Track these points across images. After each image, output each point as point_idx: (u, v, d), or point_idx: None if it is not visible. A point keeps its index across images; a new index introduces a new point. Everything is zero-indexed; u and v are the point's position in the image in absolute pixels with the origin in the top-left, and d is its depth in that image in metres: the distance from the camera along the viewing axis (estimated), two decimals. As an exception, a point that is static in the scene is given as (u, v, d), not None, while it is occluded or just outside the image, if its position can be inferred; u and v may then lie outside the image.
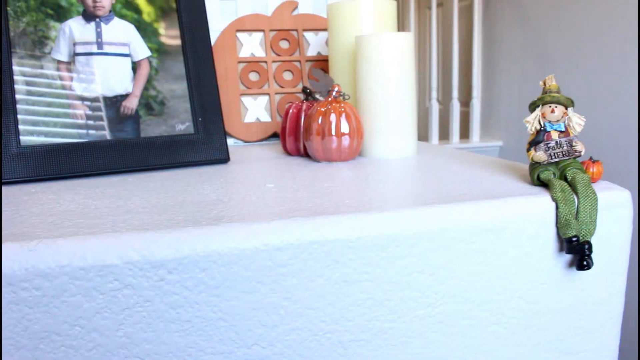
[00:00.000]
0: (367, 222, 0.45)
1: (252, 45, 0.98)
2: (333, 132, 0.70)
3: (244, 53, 0.97)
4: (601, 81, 1.79)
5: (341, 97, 0.73)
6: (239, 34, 0.98)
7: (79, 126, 0.69)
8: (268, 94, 0.97)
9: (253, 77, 0.97)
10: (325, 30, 1.01)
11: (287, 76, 0.99)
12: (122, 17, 0.73)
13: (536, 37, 2.07)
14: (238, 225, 0.42)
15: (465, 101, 2.47)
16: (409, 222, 0.46)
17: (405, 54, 0.74)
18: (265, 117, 0.96)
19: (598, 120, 1.80)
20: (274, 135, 0.98)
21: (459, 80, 2.43)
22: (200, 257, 0.41)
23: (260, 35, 0.99)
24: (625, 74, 1.69)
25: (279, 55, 0.99)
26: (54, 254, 0.39)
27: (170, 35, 0.76)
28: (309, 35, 1.01)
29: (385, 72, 0.73)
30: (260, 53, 0.98)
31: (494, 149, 2.33)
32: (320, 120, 0.71)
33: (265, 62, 0.98)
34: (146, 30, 0.75)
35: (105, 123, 0.70)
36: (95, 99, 0.70)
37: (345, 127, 0.71)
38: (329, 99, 0.72)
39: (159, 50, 0.75)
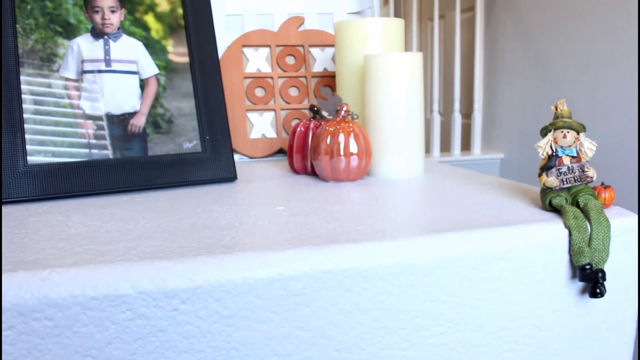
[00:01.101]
0: (381, 251, 0.45)
1: (258, 61, 0.98)
2: (342, 152, 0.70)
3: (250, 69, 0.97)
4: (603, 94, 1.79)
5: (350, 117, 0.73)
6: (245, 50, 0.98)
7: (87, 145, 0.68)
8: (274, 109, 0.97)
9: (259, 92, 0.97)
10: (331, 46, 1.01)
11: (293, 92, 0.99)
12: (130, 34, 0.73)
13: (538, 50, 2.07)
14: (252, 254, 0.42)
15: (467, 113, 2.48)
16: (423, 251, 0.46)
17: (414, 74, 0.74)
18: (271, 133, 0.96)
19: (601, 132, 1.80)
20: (280, 152, 0.97)
21: (461, 92, 2.43)
22: (214, 287, 0.40)
23: (266, 50, 0.99)
24: (627, 86, 1.69)
25: (285, 71, 0.99)
26: (66, 284, 0.39)
27: (178, 53, 0.76)
28: (315, 51, 1.01)
29: (394, 92, 0.73)
30: (266, 69, 0.98)
31: (495, 162, 2.33)
32: (328, 140, 0.71)
33: (272, 77, 0.98)
34: (154, 48, 0.75)
35: (112, 141, 0.69)
36: (103, 117, 0.70)
37: (354, 148, 0.70)
38: (338, 118, 0.72)
39: (167, 68, 0.75)
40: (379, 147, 0.75)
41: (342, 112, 0.72)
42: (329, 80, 1.00)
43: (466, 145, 2.48)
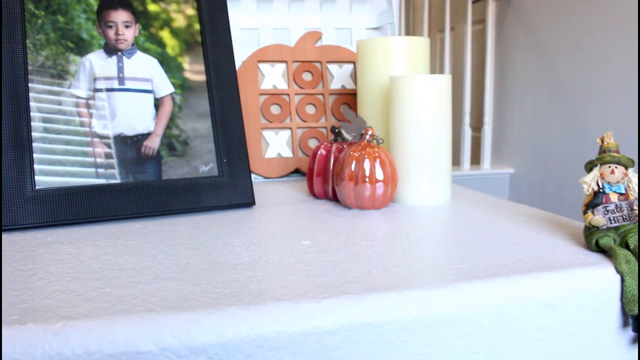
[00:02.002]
0: (425, 300, 0.41)
1: (274, 77, 0.94)
2: (367, 179, 0.66)
3: (266, 85, 0.94)
4: (617, 111, 1.76)
5: (375, 142, 0.69)
6: (261, 65, 0.94)
7: (98, 167, 0.64)
8: (290, 128, 0.93)
9: (275, 110, 0.94)
10: (350, 62, 0.98)
11: (310, 110, 0.95)
12: (145, 50, 0.70)
13: (550, 64, 2.04)
14: (285, 305, 0.38)
15: (477, 126, 2.44)
16: (468, 299, 0.42)
17: (443, 97, 0.70)
18: (287, 153, 0.92)
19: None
20: (296, 172, 0.94)
21: (471, 105, 2.40)
22: (244, 342, 0.37)
23: (282, 66, 0.95)
24: (645, 106, 1.66)
25: (301, 87, 0.95)
26: (81, 339, 0.35)
27: (194, 71, 0.72)
28: (333, 68, 0.97)
29: (421, 116, 0.69)
30: (282, 85, 0.94)
31: (504, 176, 2.29)
32: (353, 166, 0.67)
33: (288, 94, 0.94)
34: (170, 65, 0.71)
35: (124, 164, 0.66)
36: (116, 138, 0.66)
37: (379, 174, 0.67)
38: (362, 142, 0.68)
39: (183, 87, 0.71)
40: (405, 173, 0.71)
41: (367, 136, 0.69)
42: (347, 98, 0.96)
43: (475, 159, 2.44)
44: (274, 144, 0.92)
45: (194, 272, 0.45)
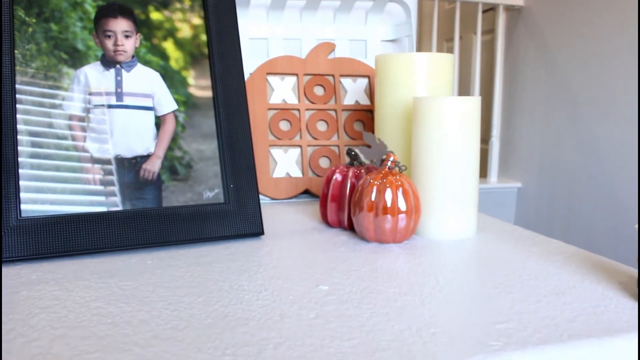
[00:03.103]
0: (472, 376, 0.35)
1: (283, 91, 0.88)
2: (388, 211, 0.60)
3: (275, 99, 0.88)
4: (629, 128, 1.70)
5: (397, 169, 0.63)
6: (270, 78, 0.88)
7: (92, 193, 0.58)
8: (300, 145, 0.87)
9: (284, 126, 0.87)
10: (364, 76, 0.92)
11: (322, 126, 0.89)
12: (146, 63, 0.64)
13: (562, 78, 1.99)
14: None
15: (484, 139, 2.38)
16: (521, 372, 0.36)
17: (471, 121, 0.64)
18: (296, 172, 0.86)
19: (626, 165, 1.71)
20: (305, 192, 0.87)
21: (478, 116, 2.34)
22: None
23: (293, 79, 0.89)
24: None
25: (313, 102, 0.89)
26: None
27: (200, 86, 0.66)
28: (346, 82, 0.91)
29: (448, 141, 0.63)
30: (292, 100, 0.88)
31: (512, 191, 2.23)
32: (374, 196, 0.61)
33: (298, 109, 0.88)
34: (173, 80, 0.65)
35: (121, 190, 0.59)
36: (111, 161, 0.60)
37: (402, 205, 0.60)
38: (384, 170, 0.62)
39: (187, 103, 0.65)
40: (428, 203, 0.65)
41: (389, 163, 0.62)
42: (361, 114, 0.90)
43: (482, 173, 2.38)
44: (282, 163, 0.86)
45: (198, 330, 0.39)
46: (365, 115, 0.90)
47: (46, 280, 0.49)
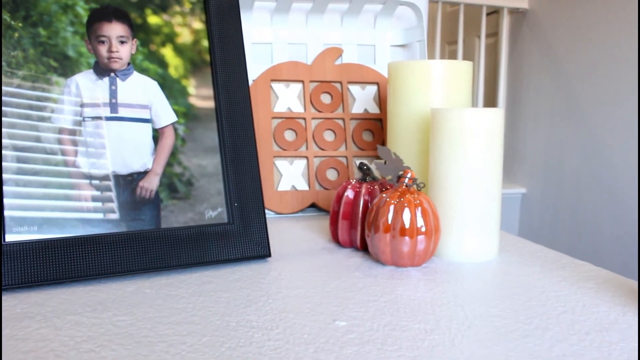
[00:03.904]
0: None
1: (288, 99, 0.83)
2: (407, 232, 0.55)
3: (280, 107, 0.83)
4: (635, 133, 1.66)
5: (415, 186, 0.58)
6: (274, 85, 0.83)
7: (83, 213, 0.53)
8: (306, 157, 0.82)
9: (289, 136, 0.83)
10: (373, 84, 0.87)
11: (329, 136, 0.84)
12: (143, 71, 0.59)
13: (567, 82, 1.95)
14: None
15: (486, 143, 2.34)
16: None
17: (495, 134, 0.59)
18: (302, 185, 0.81)
19: (632, 170, 1.67)
20: (311, 206, 0.83)
21: (480, 121, 2.29)
22: None
23: (298, 86, 0.84)
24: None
25: (319, 111, 0.84)
26: None
27: (201, 96, 0.61)
28: (354, 89, 0.86)
29: (470, 155, 0.59)
30: (298, 108, 0.84)
31: (516, 197, 2.19)
32: (391, 216, 0.56)
33: (304, 118, 0.83)
34: (172, 89, 0.60)
35: (117, 209, 0.54)
36: (106, 178, 0.55)
37: (421, 227, 0.56)
38: (401, 187, 0.58)
39: (187, 115, 0.60)
40: (446, 222, 0.60)
41: (406, 180, 0.58)
42: (370, 124, 0.85)
43: (484, 178, 2.34)
44: (287, 175, 0.81)
45: (204, 381, 0.34)
46: (374, 125, 0.86)
47: (32, 314, 0.44)
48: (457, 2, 2.12)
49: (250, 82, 0.83)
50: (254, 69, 0.84)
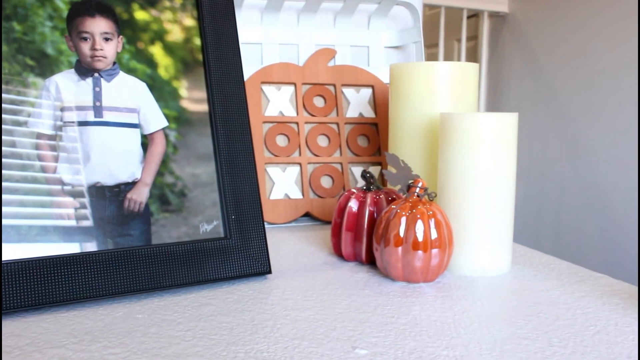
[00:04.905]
0: None
1: (280, 102, 0.79)
2: (420, 246, 0.51)
3: (271, 111, 0.78)
4: (619, 135, 1.67)
5: (426, 196, 0.54)
6: (265, 87, 0.79)
7: (65, 230, 0.48)
8: (299, 163, 0.78)
9: (281, 141, 0.78)
10: (368, 86, 0.83)
11: (323, 142, 0.80)
12: (130, 71, 0.53)
13: (548, 86, 1.95)
14: None
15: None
16: None
17: (508, 141, 0.56)
18: (296, 193, 0.77)
19: (618, 176, 1.68)
20: (305, 215, 0.78)
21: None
22: None
23: (290, 89, 0.80)
24: (655, 134, 1.57)
25: (312, 115, 0.80)
26: None
27: (194, 99, 0.56)
28: (349, 92, 0.82)
29: (481, 163, 0.55)
30: (290, 112, 0.79)
31: (496, 200, 2.18)
32: (402, 228, 0.52)
33: (296, 123, 0.79)
34: (162, 91, 0.55)
35: (102, 225, 0.49)
36: (90, 189, 0.49)
37: (435, 240, 0.52)
38: (412, 198, 0.54)
39: (179, 119, 0.55)
40: (458, 235, 0.56)
41: (417, 190, 0.54)
42: (365, 128, 0.81)
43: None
44: (280, 183, 0.76)
45: None
46: (370, 130, 0.82)
47: (9, 349, 0.39)
48: (438, 5, 2.11)
49: (239, 84, 0.78)
50: (244, 71, 0.79)
